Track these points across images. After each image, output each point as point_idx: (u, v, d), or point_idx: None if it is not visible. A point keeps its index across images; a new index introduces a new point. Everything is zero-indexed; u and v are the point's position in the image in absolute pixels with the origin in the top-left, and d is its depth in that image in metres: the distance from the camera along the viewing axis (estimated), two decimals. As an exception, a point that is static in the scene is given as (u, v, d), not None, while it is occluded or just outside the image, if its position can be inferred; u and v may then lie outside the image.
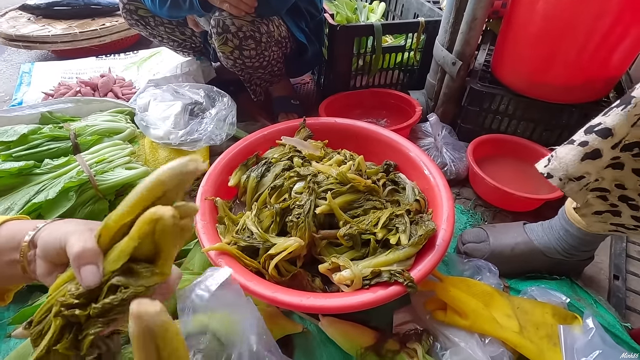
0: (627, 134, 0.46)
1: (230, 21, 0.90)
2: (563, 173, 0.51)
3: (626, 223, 0.55)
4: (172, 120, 1.02)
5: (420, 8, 1.26)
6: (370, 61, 1.16)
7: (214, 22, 0.92)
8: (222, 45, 0.94)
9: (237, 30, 0.91)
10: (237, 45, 0.94)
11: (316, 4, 1.13)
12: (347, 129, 0.90)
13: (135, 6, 1.10)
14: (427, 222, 0.62)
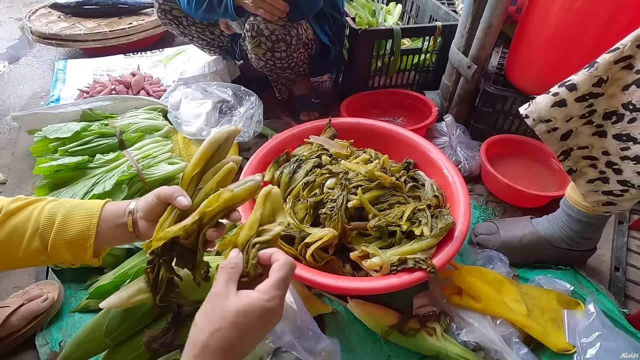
0: (589, 94, 0.55)
1: (264, 25, 0.97)
2: (536, 115, 0.59)
3: (614, 189, 0.61)
4: (204, 118, 1.10)
5: (436, 11, 1.31)
6: (388, 63, 1.22)
7: (248, 26, 0.98)
8: (255, 48, 1.01)
9: (270, 33, 0.98)
10: (269, 48, 1.01)
11: (339, 8, 1.19)
12: (370, 129, 0.97)
13: (169, 6, 1.16)
14: (447, 216, 0.70)
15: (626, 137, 0.56)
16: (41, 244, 0.49)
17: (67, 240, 0.49)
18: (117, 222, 0.51)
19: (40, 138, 0.87)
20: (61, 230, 0.49)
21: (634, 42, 0.52)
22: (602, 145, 0.60)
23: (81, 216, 0.50)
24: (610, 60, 0.53)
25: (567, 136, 0.60)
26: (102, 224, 0.50)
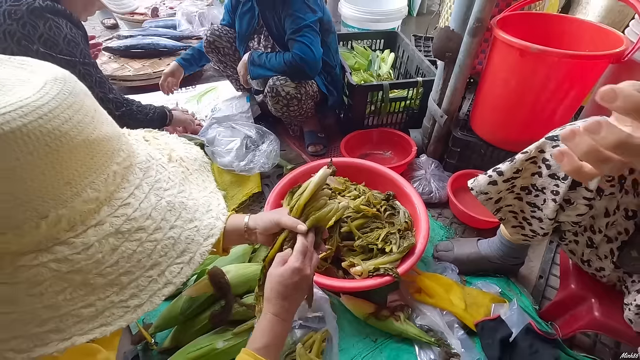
0: (511, 177, 0.82)
1: (281, 88, 1.28)
2: (478, 189, 0.87)
3: (528, 234, 0.90)
4: (234, 153, 1.41)
5: (421, 63, 1.61)
6: (380, 107, 1.52)
7: (269, 88, 1.30)
8: (274, 104, 1.32)
9: (285, 94, 1.29)
10: (285, 104, 1.32)
11: (329, 62, 1.48)
12: (361, 167, 1.27)
13: (213, 39, 1.50)
14: (410, 238, 1.00)
15: (534, 205, 0.84)
16: None
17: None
18: (238, 232, 0.73)
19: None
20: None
21: (536, 148, 0.79)
22: (521, 206, 0.87)
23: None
24: (523, 158, 0.80)
25: (498, 201, 0.88)
26: (226, 232, 0.72)
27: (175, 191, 0.45)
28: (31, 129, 0.31)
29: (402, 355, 0.95)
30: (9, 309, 0.34)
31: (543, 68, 1.04)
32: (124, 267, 0.38)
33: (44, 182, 0.33)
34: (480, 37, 1.14)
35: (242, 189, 1.38)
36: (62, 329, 0.35)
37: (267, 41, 1.44)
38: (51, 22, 0.94)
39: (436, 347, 0.94)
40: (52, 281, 0.34)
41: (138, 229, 0.39)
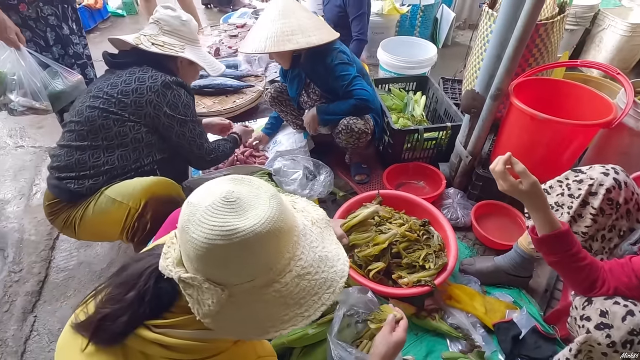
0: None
1: (354, 125, 1.63)
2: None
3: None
4: (298, 182, 1.77)
5: (449, 108, 1.93)
6: (415, 145, 1.85)
7: (343, 127, 1.64)
8: (348, 138, 1.66)
9: (357, 130, 1.64)
10: (357, 137, 1.67)
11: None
12: (402, 198, 1.60)
13: (277, 94, 1.89)
14: (443, 258, 1.32)
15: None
16: None
17: None
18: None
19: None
20: None
21: (564, 175, 1.11)
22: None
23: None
24: (554, 180, 1.13)
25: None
26: None
27: (321, 247, 0.66)
28: (271, 229, 0.57)
29: (437, 345, 1.27)
30: (253, 315, 0.62)
31: (548, 130, 1.36)
32: (300, 295, 0.61)
33: (273, 252, 0.60)
34: (500, 101, 1.46)
35: (304, 212, 1.73)
36: (275, 325, 0.62)
37: (315, 95, 1.78)
38: (175, 92, 1.29)
39: (463, 340, 1.26)
40: (272, 301, 0.61)
41: (307, 273, 0.61)
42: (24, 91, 1.59)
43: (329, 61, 1.58)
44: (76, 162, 1.17)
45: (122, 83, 1.22)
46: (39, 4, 1.57)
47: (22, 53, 1.52)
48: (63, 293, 1.48)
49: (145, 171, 1.27)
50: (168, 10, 1.38)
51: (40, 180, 1.99)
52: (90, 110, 1.19)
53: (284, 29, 1.49)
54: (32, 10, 1.56)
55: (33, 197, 1.89)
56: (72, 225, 1.20)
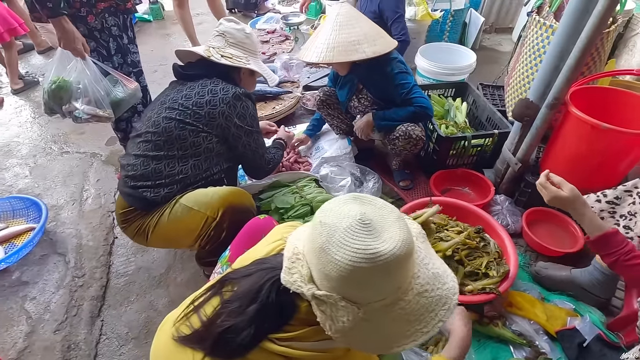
0: (611, 201, 1.16)
1: (412, 132, 1.64)
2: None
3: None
4: (347, 190, 1.79)
5: (493, 115, 1.94)
6: (460, 152, 1.86)
7: (401, 133, 1.65)
8: (406, 144, 1.68)
9: (416, 136, 1.65)
10: (414, 144, 1.69)
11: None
12: (455, 205, 1.62)
13: (326, 97, 1.92)
14: (504, 265, 1.34)
15: (627, 227, 1.16)
16: None
17: None
18: None
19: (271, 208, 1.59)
20: None
21: (632, 185, 1.14)
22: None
23: None
24: (622, 189, 1.17)
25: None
26: None
27: (431, 264, 0.66)
28: (407, 251, 0.59)
29: (500, 352, 1.29)
30: (380, 330, 0.64)
31: (608, 139, 1.37)
32: (420, 312, 0.62)
33: (405, 272, 0.62)
34: (556, 110, 1.47)
35: (354, 218, 1.76)
36: (398, 340, 0.64)
37: (366, 101, 1.81)
38: (244, 103, 1.33)
39: (527, 347, 1.27)
40: (397, 318, 0.63)
41: (425, 290, 0.62)
42: (89, 99, 1.63)
43: (388, 70, 1.61)
44: (152, 171, 1.21)
45: (195, 95, 1.26)
46: (105, 15, 1.61)
47: (87, 62, 1.57)
48: (126, 298, 1.51)
49: (215, 179, 1.31)
50: (232, 23, 1.42)
51: (89, 186, 2.04)
52: (167, 121, 1.22)
53: (350, 38, 1.52)
54: (98, 21, 1.60)
55: (85, 202, 1.94)
56: (144, 232, 1.24)
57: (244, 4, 4.09)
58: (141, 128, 1.28)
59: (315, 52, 1.56)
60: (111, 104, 1.64)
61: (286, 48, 2.86)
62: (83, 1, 1.55)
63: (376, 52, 1.52)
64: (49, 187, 2.03)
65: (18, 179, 2.09)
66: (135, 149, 1.26)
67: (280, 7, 4.34)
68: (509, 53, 3.34)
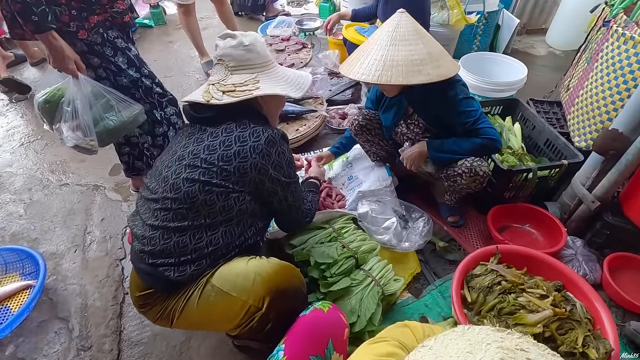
0: None
1: (479, 168, 1.39)
2: None
3: None
4: (393, 232, 1.54)
5: (555, 139, 1.69)
6: (522, 185, 1.61)
7: (466, 169, 1.40)
8: (471, 182, 1.42)
9: (483, 173, 1.40)
10: (480, 182, 1.43)
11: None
12: (524, 254, 1.37)
13: (366, 122, 1.66)
14: (604, 341, 1.10)
15: None
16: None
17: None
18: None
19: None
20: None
21: None
22: None
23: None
24: None
25: None
26: None
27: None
28: None
29: None
30: None
31: None
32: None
33: None
34: (657, 145, 1.22)
35: (403, 266, 1.51)
36: None
37: (417, 127, 1.55)
38: (279, 149, 1.06)
39: None
40: None
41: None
42: (77, 124, 1.39)
43: (451, 94, 1.35)
44: (175, 246, 0.96)
45: (221, 146, 1.00)
46: (99, 30, 1.36)
47: (80, 82, 1.33)
48: (142, 375, 1.28)
49: (250, 245, 1.06)
50: (228, 40, 1.10)
51: (92, 227, 1.79)
52: (189, 184, 0.97)
53: (413, 57, 1.26)
54: (96, 36, 1.35)
55: (88, 248, 1.69)
56: (168, 317, 0.99)
57: (250, 7, 3.80)
58: (156, 190, 1.02)
59: (368, 69, 1.29)
60: (101, 133, 1.40)
61: (304, 58, 2.59)
62: (73, 14, 1.30)
63: (441, 75, 1.26)
64: (47, 230, 1.78)
65: (11, 219, 1.84)
66: (151, 217, 1.01)
67: (290, 8, 4.06)
68: (543, 57, 3.09)
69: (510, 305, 1.20)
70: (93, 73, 1.44)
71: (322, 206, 1.71)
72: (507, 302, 1.21)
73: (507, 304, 1.21)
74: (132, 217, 1.09)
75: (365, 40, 1.43)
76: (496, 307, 1.22)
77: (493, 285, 1.27)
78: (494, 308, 1.23)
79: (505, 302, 1.21)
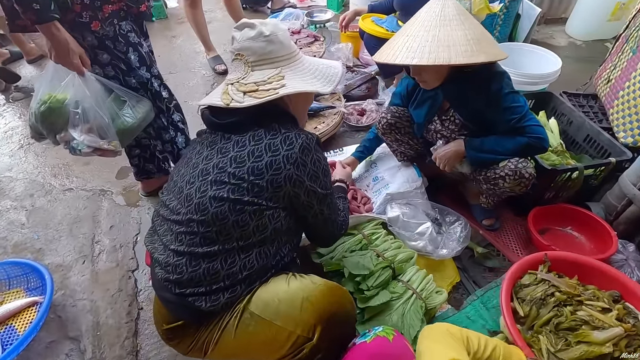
0: None
1: (524, 170, 1.27)
2: None
3: None
4: (428, 237, 1.43)
5: (596, 136, 1.57)
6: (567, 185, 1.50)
7: (510, 172, 1.28)
8: (515, 185, 1.30)
9: (529, 175, 1.28)
10: (525, 185, 1.31)
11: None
12: (575, 261, 1.26)
13: (395, 120, 1.53)
14: (679, 360, 0.99)
15: None
16: None
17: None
18: None
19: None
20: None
21: None
22: None
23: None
24: None
25: None
26: None
27: None
28: None
29: None
30: None
31: None
32: None
33: None
34: None
35: (441, 275, 1.40)
36: None
37: (452, 124, 1.43)
38: (314, 156, 0.93)
39: None
40: None
41: None
42: (89, 127, 1.27)
43: (495, 88, 1.23)
44: (205, 273, 0.84)
45: (250, 157, 0.87)
46: (113, 21, 1.22)
47: (87, 79, 1.20)
48: (163, 402, 1.17)
49: (286, 263, 0.94)
50: (245, 30, 0.95)
51: (101, 236, 1.67)
52: (217, 203, 0.84)
53: (468, 36, 1.14)
54: (109, 28, 1.22)
55: (98, 259, 1.57)
56: (201, 349, 0.88)
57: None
58: (178, 210, 0.90)
59: (420, 51, 1.14)
60: (118, 132, 1.27)
61: (317, 51, 2.46)
62: (85, 3, 1.17)
63: (498, 55, 1.15)
64: (52, 240, 1.66)
65: (13, 228, 1.72)
66: (174, 241, 0.88)
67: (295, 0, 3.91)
68: (564, 48, 2.97)
69: (569, 321, 1.09)
70: (101, 71, 1.31)
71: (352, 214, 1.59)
72: (564, 316, 1.10)
73: (565, 319, 1.10)
74: (149, 237, 0.97)
75: (401, 28, 1.30)
76: (552, 322, 1.11)
77: (546, 296, 1.16)
78: (549, 322, 1.12)
79: (563, 316, 1.10)
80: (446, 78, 1.27)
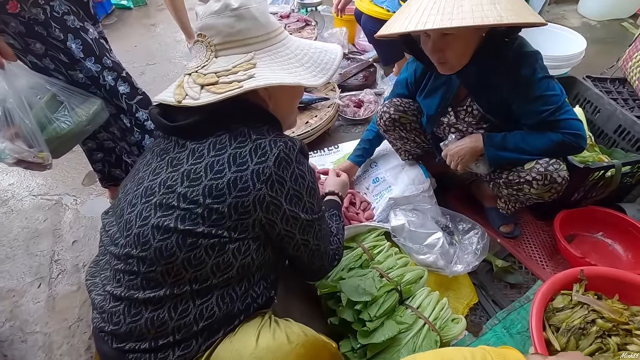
0: None
1: (557, 174, 1.06)
2: None
3: None
4: (439, 251, 1.22)
5: (630, 126, 1.36)
6: (603, 185, 1.29)
7: (539, 176, 1.07)
8: (545, 192, 1.10)
9: (562, 180, 1.07)
10: (557, 190, 1.10)
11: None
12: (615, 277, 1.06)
13: (399, 115, 1.32)
14: None
15: None
16: None
17: None
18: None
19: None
20: None
21: None
22: None
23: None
24: None
25: None
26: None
27: None
28: None
29: None
30: None
31: None
32: None
33: None
34: None
35: (455, 294, 1.20)
36: None
37: (470, 116, 1.20)
38: (295, 170, 0.71)
39: None
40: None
41: None
42: (15, 131, 1.04)
43: (526, 72, 1.00)
44: (148, 325, 0.63)
45: (207, 172, 0.65)
46: (39, 1, 0.98)
47: (10, 74, 0.97)
48: None
49: (259, 305, 0.73)
50: (210, 3, 0.72)
51: (62, 252, 1.45)
52: (161, 236, 0.63)
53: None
54: (35, 10, 0.98)
55: (55, 281, 1.36)
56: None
57: (242, -18, 3.38)
58: (117, 240, 0.68)
59: (443, 13, 0.86)
60: (50, 140, 1.05)
61: (308, 37, 2.22)
62: None
63: (538, 19, 0.89)
64: (4, 259, 1.44)
65: (-40, 246, 1.49)
66: (112, 280, 0.67)
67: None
68: (578, 29, 2.70)
69: (617, 357, 0.89)
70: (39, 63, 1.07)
71: (345, 218, 1.37)
72: (611, 350, 0.90)
73: (612, 354, 0.90)
74: (92, 268, 0.75)
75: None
76: (595, 356, 0.92)
77: (586, 324, 0.96)
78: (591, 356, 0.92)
79: (610, 350, 0.90)
80: (473, 58, 1.03)
